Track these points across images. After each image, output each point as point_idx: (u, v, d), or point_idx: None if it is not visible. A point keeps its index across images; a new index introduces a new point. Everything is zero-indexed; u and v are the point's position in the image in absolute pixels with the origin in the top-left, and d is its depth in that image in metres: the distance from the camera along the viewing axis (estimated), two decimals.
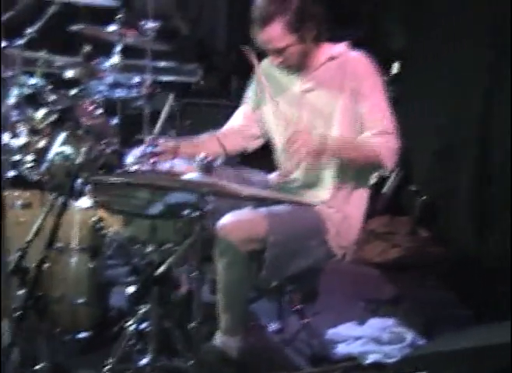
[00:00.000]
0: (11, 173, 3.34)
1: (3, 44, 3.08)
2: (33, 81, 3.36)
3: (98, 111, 3.33)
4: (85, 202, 3.32)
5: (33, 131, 3.20)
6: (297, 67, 3.16)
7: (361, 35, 7.02)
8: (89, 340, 3.36)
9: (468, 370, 2.51)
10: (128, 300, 3.12)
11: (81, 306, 3.30)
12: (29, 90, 3.26)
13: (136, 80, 4.13)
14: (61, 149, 3.18)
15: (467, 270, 4.59)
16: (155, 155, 2.99)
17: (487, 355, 2.50)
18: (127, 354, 2.99)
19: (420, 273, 4.78)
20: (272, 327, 3.75)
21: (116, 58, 3.31)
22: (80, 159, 2.99)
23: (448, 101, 5.32)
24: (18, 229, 3.21)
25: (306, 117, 3.19)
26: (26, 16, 3.39)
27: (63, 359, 3.20)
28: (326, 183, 3.22)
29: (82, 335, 3.35)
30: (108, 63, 3.26)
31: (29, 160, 3.20)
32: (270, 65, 3.28)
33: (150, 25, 3.88)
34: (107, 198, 2.87)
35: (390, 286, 4.55)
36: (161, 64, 5.95)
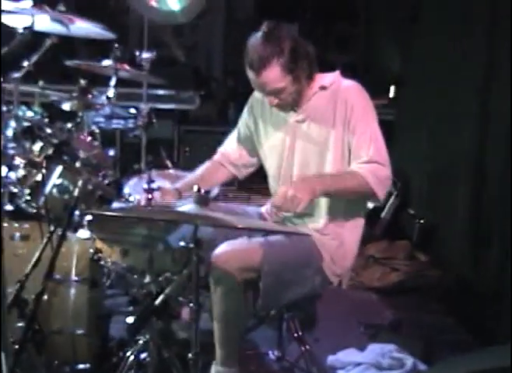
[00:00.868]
0: (9, 206, 3.36)
1: None
2: (30, 113, 3.38)
3: (95, 143, 3.35)
4: (83, 233, 3.34)
5: (31, 164, 3.22)
6: (291, 105, 3.18)
7: (357, 60, 7.15)
8: (89, 372, 3.35)
9: None
10: (127, 330, 3.12)
11: (80, 337, 3.29)
12: (26, 123, 3.27)
13: (132, 111, 4.15)
14: (58, 182, 3.21)
15: (466, 294, 4.60)
16: (151, 191, 3.01)
17: None
18: None
19: (419, 297, 4.78)
20: (272, 355, 3.74)
21: (111, 92, 3.33)
22: (77, 192, 3.01)
23: (444, 124, 5.35)
24: (16, 261, 3.22)
25: (299, 146, 3.20)
26: (22, 50, 3.41)
27: None
28: (320, 211, 3.22)
29: (82, 366, 3.33)
30: (103, 96, 3.28)
31: (26, 193, 3.21)
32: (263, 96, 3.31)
33: (145, 55, 3.90)
34: (105, 233, 2.90)
35: (389, 311, 4.56)
36: (158, 93, 6.00)
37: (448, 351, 3.89)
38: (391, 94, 6.53)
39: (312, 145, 3.17)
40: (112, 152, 3.44)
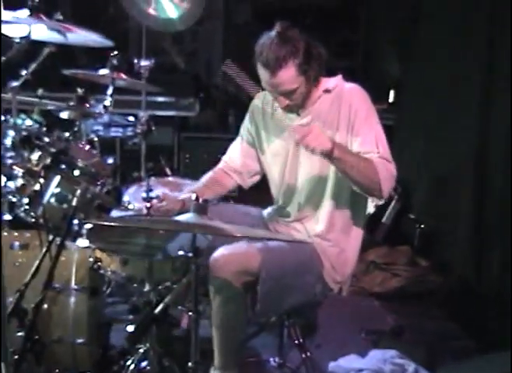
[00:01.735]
0: (7, 216, 3.36)
1: None
2: (29, 122, 3.38)
3: (93, 151, 3.35)
4: (82, 242, 3.33)
5: (29, 173, 3.22)
6: (299, 106, 3.18)
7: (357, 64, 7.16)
8: None
9: None
10: (127, 339, 3.11)
11: (80, 346, 3.29)
12: (24, 132, 3.27)
13: (131, 119, 4.15)
14: (57, 191, 3.21)
15: (467, 299, 4.59)
16: (150, 200, 3.01)
17: None
18: None
19: (421, 302, 4.77)
20: (273, 361, 3.73)
21: (108, 101, 3.33)
22: (75, 201, 3.01)
23: (444, 129, 5.35)
24: (16, 270, 3.22)
25: (303, 152, 3.19)
26: (21, 59, 3.41)
27: None
28: (321, 216, 3.22)
29: None
30: (101, 105, 3.29)
31: (25, 202, 3.21)
32: (265, 100, 3.31)
33: (144, 63, 3.90)
34: (104, 242, 2.90)
35: (390, 316, 4.55)
36: (158, 100, 6.00)
37: (450, 357, 3.89)
38: (391, 99, 6.52)
39: None
40: (111, 160, 3.43)
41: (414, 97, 6.06)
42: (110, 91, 3.48)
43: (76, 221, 3.16)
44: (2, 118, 3.29)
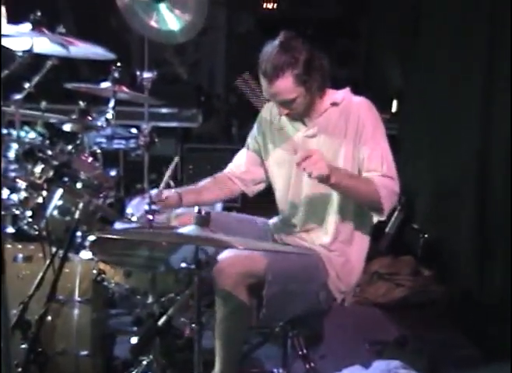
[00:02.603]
0: (10, 229, 3.38)
1: None
2: (32, 135, 3.39)
3: (96, 163, 3.36)
4: (86, 254, 3.34)
5: (32, 186, 3.23)
6: (303, 115, 3.19)
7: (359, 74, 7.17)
8: None
9: None
10: (131, 351, 3.12)
11: (84, 358, 3.29)
12: (27, 146, 3.29)
13: (134, 131, 4.17)
14: (60, 204, 3.22)
15: (471, 309, 4.58)
16: (153, 212, 3.01)
17: None
18: None
19: (425, 312, 4.77)
20: (277, 372, 3.73)
21: (110, 114, 3.34)
22: (78, 214, 3.02)
23: (447, 138, 5.35)
24: (20, 283, 3.23)
25: None
26: (24, 72, 3.43)
27: None
28: (327, 227, 3.23)
29: None
30: (103, 117, 3.30)
31: (28, 215, 3.22)
32: (273, 110, 3.33)
33: (146, 75, 3.91)
34: (107, 255, 2.91)
35: (394, 327, 4.54)
36: (161, 111, 6.02)
37: (454, 366, 3.88)
38: (394, 109, 6.53)
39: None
40: (113, 172, 3.44)
41: (417, 107, 6.06)
42: (112, 104, 3.49)
43: (79, 234, 3.17)
44: (5, 131, 3.31)
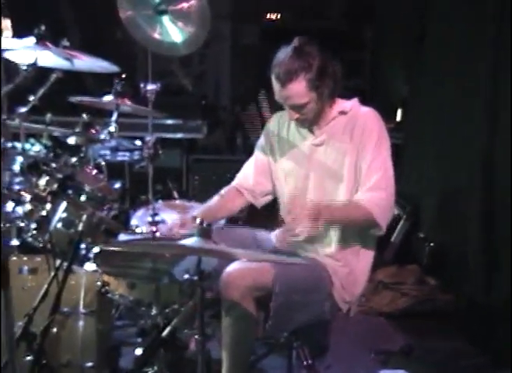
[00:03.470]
0: (15, 241, 3.40)
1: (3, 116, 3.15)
2: (37, 148, 3.42)
3: (100, 176, 3.37)
4: (90, 266, 3.36)
5: (37, 199, 3.25)
6: (312, 122, 3.21)
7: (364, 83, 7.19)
8: None
9: None
10: (135, 362, 3.14)
11: (89, 370, 3.29)
12: (31, 158, 3.31)
13: (138, 143, 4.18)
14: (64, 216, 3.23)
15: (478, 317, 4.57)
16: (156, 224, 3.03)
17: None
18: None
19: (430, 321, 4.76)
20: None
21: (113, 127, 3.37)
22: (81, 226, 3.04)
23: (453, 147, 5.35)
24: (25, 295, 3.24)
25: (315, 172, 3.23)
26: (28, 85, 3.45)
27: None
28: (331, 238, 3.24)
29: None
30: (106, 131, 3.32)
31: (33, 227, 3.24)
32: (281, 120, 3.37)
33: (150, 87, 3.93)
34: (111, 267, 2.92)
35: (400, 336, 4.54)
36: (166, 122, 6.05)
37: None
38: (398, 117, 6.54)
39: (327, 171, 3.20)
40: (118, 184, 3.46)
41: (421, 116, 6.07)
42: (115, 117, 3.52)
43: (83, 246, 3.19)
44: (10, 144, 3.33)
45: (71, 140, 3.36)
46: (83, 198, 3.24)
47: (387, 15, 6.95)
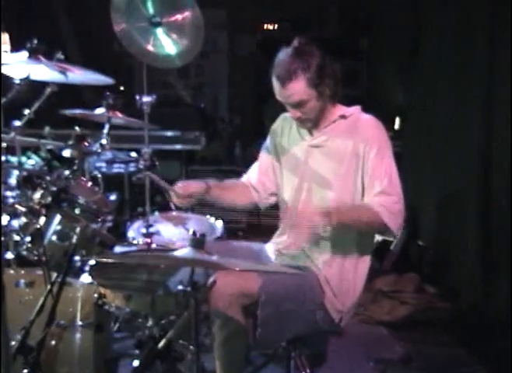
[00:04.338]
0: (10, 254, 3.40)
1: None
2: (32, 161, 3.43)
3: (95, 188, 3.38)
4: (86, 278, 3.36)
5: (32, 212, 3.26)
6: (313, 122, 3.23)
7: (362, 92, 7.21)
8: None
9: None
10: None
11: None
12: (25, 172, 3.32)
13: (133, 154, 4.19)
14: (58, 228, 3.24)
15: (477, 325, 4.57)
16: (150, 235, 3.03)
17: None
18: None
19: (429, 330, 4.75)
20: None
21: (104, 140, 3.37)
22: (75, 239, 3.04)
23: (451, 155, 5.36)
24: (22, 308, 3.24)
25: (308, 174, 3.24)
26: (22, 99, 3.46)
27: None
28: (325, 246, 3.23)
29: None
30: (97, 144, 3.32)
31: (27, 240, 3.25)
32: (285, 121, 3.38)
33: (146, 99, 3.94)
34: (106, 279, 2.92)
35: (399, 345, 4.53)
36: (164, 134, 6.06)
37: None
38: (396, 126, 6.55)
39: (319, 174, 3.21)
40: (114, 196, 3.46)
41: (419, 123, 6.08)
42: (107, 129, 3.52)
43: (78, 258, 3.19)
44: (3, 158, 3.34)
45: (66, 153, 3.36)
46: (77, 211, 3.24)
47: (383, 24, 6.97)
